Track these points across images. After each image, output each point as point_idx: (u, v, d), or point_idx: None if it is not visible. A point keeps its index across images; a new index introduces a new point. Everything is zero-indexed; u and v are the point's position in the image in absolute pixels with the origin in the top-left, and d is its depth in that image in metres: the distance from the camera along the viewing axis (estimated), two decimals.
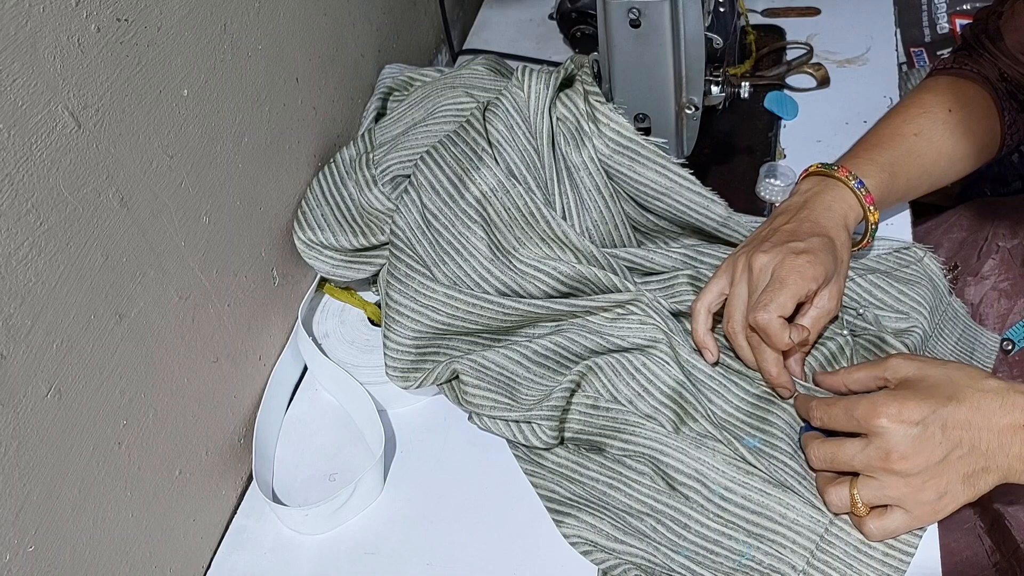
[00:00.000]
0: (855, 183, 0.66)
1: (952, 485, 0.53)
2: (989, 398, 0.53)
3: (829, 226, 0.64)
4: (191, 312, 0.60)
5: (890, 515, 0.55)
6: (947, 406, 0.53)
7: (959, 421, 0.53)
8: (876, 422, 0.54)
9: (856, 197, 0.66)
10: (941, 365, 0.56)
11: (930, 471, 0.53)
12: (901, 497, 0.54)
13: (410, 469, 0.67)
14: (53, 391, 0.48)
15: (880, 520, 0.56)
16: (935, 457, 0.53)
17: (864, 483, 0.55)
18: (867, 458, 0.54)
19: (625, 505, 0.61)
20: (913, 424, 0.53)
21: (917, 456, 0.53)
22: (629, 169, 0.69)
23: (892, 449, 0.53)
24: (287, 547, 0.64)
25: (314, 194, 0.75)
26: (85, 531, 0.51)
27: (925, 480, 0.53)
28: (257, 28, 0.66)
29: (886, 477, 0.54)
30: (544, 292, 0.67)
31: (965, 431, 0.53)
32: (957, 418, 0.53)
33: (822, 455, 0.58)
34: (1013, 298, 0.75)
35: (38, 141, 0.45)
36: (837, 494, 0.57)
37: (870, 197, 0.66)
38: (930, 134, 0.70)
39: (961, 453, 0.53)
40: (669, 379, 0.64)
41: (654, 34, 0.65)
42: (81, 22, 0.47)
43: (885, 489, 0.54)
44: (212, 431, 0.64)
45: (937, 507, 0.54)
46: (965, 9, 1.23)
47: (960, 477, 0.53)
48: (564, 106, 0.70)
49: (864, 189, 0.66)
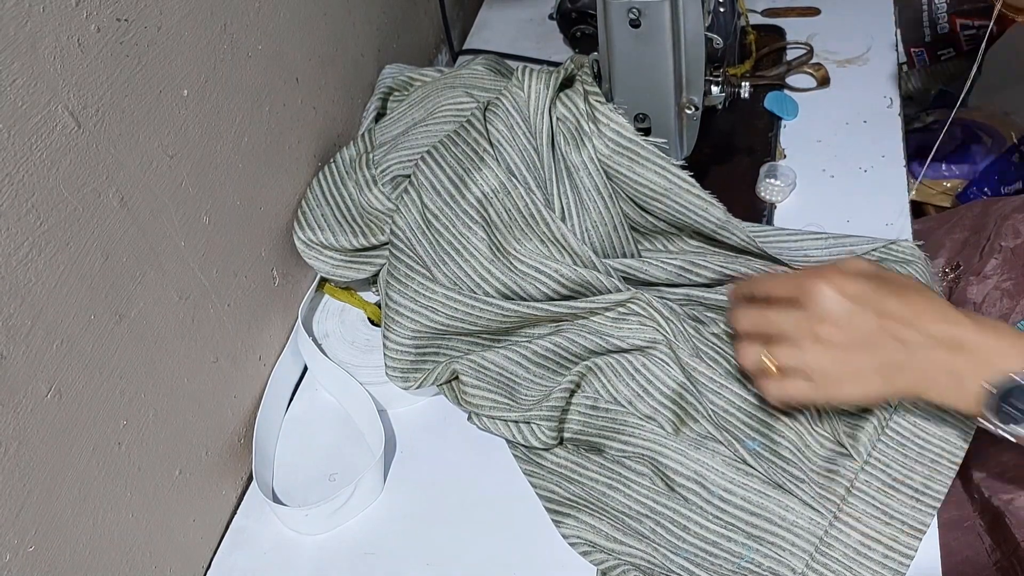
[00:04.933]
0: None
1: (866, 369, 0.53)
2: (933, 307, 0.53)
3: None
4: (191, 312, 0.60)
5: (794, 381, 0.55)
6: (890, 297, 0.53)
7: (896, 313, 0.53)
8: (817, 286, 0.54)
9: None
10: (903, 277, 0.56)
11: (851, 347, 0.53)
12: (814, 366, 0.54)
13: (410, 469, 0.67)
14: (53, 391, 0.48)
15: (781, 382, 0.55)
16: (861, 334, 0.53)
17: (784, 345, 0.55)
18: (797, 320, 0.54)
19: (624, 506, 0.61)
20: (851, 298, 0.53)
21: (845, 327, 0.53)
22: (628, 170, 0.69)
23: (825, 316, 0.53)
24: (287, 547, 0.64)
25: (314, 194, 0.75)
26: (85, 531, 0.51)
27: (844, 354, 0.53)
28: (257, 28, 0.66)
29: (807, 343, 0.54)
30: (544, 294, 0.67)
31: (898, 324, 0.52)
32: (895, 310, 0.53)
33: (751, 317, 0.57)
34: (1015, 297, 0.74)
35: (38, 141, 0.45)
36: (751, 351, 0.56)
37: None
38: None
39: (883, 340, 0.53)
40: (669, 380, 0.64)
41: (654, 34, 0.65)
42: (81, 22, 0.47)
43: (802, 355, 0.54)
44: (212, 431, 0.64)
45: (843, 387, 0.54)
46: (965, 9, 1.23)
47: (877, 365, 0.53)
48: (564, 106, 0.70)
49: None
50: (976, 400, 0.51)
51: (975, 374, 0.51)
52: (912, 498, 0.58)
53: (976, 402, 0.51)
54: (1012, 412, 0.50)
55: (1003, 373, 0.50)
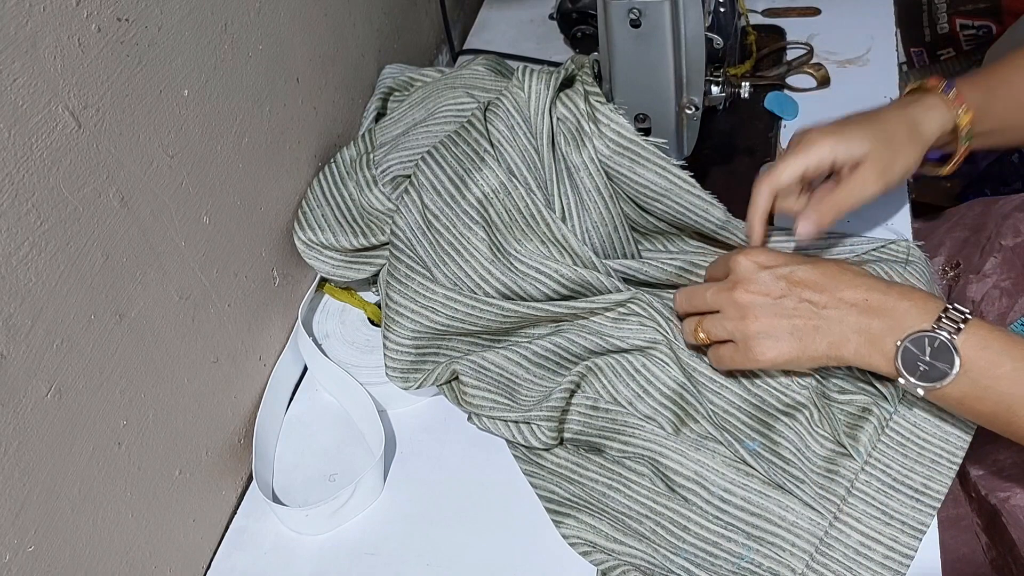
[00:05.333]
0: (943, 86, 0.65)
1: (779, 330, 0.57)
2: (843, 273, 0.57)
3: (888, 118, 0.64)
4: (191, 312, 0.60)
5: (724, 346, 0.60)
6: (803, 265, 0.58)
7: (805, 278, 0.57)
8: (735, 258, 0.60)
9: (943, 103, 0.64)
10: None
11: (762, 307, 0.57)
12: (733, 329, 0.59)
13: (410, 469, 0.67)
14: (53, 391, 0.48)
15: (716, 350, 0.61)
16: (770, 296, 0.57)
17: (710, 317, 0.60)
18: (717, 289, 0.60)
19: (624, 506, 0.61)
20: (763, 266, 0.58)
21: (756, 291, 0.58)
22: (629, 170, 0.69)
23: (738, 280, 0.59)
24: (287, 547, 0.64)
25: (314, 194, 0.75)
26: (85, 531, 0.51)
27: (756, 315, 0.58)
28: (258, 28, 0.66)
29: (728, 308, 0.59)
30: (544, 294, 0.67)
31: (808, 288, 0.57)
32: (804, 275, 0.57)
33: (684, 294, 0.64)
34: (1014, 296, 0.74)
35: (38, 141, 0.45)
36: (688, 324, 0.63)
37: (960, 98, 0.64)
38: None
39: (796, 303, 0.57)
40: (669, 380, 0.64)
41: (654, 34, 0.65)
42: (81, 22, 0.47)
43: (723, 321, 0.59)
44: (212, 431, 0.64)
45: (762, 346, 0.58)
46: (965, 9, 1.23)
47: (790, 327, 0.57)
48: (564, 106, 0.70)
49: (953, 92, 0.64)
50: (889, 359, 0.54)
51: (887, 334, 0.54)
52: (912, 498, 0.58)
53: (889, 360, 0.54)
54: (923, 368, 0.53)
55: (913, 330, 0.53)
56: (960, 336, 0.52)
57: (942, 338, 0.52)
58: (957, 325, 0.52)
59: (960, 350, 0.52)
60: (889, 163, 0.62)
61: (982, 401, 0.52)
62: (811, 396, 0.63)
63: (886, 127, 0.63)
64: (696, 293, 0.62)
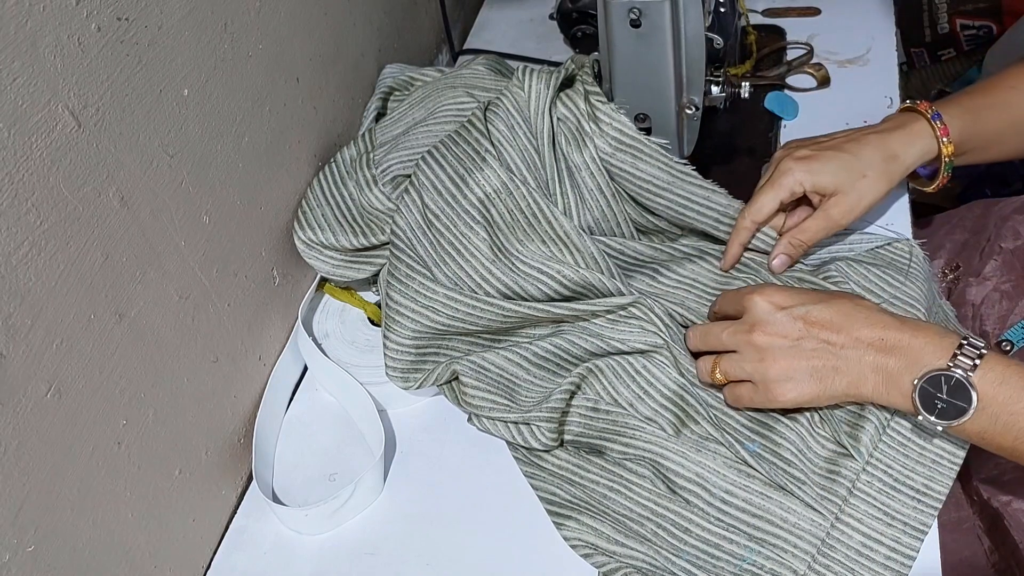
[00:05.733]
0: (931, 115, 0.67)
1: (799, 372, 0.58)
2: (858, 310, 0.57)
3: (866, 148, 0.67)
4: (191, 312, 0.60)
5: (742, 386, 0.61)
6: (816, 303, 0.58)
7: (822, 319, 0.57)
8: (750, 298, 0.60)
9: (932, 129, 0.67)
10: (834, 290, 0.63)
11: (781, 350, 0.58)
12: (752, 371, 0.59)
13: (410, 469, 0.67)
14: (53, 391, 0.48)
15: (733, 389, 0.62)
16: (789, 338, 0.58)
17: (727, 357, 0.61)
18: (733, 331, 0.60)
19: (626, 508, 0.61)
20: (779, 307, 0.59)
21: (774, 332, 0.58)
22: (631, 166, 0.69)
23: (755, 322, 0.59)
24: (287, 547, 0.64)
25: (314, 194, 0.75)
26: (85, 531, 0.51)
27: (776, 357, 0.58)
28: (257, 28, 0.66)
29: (746, 350, 0.59)
30: (545, 295, 0.67)
31: (825, 328, 0.57)
32: (821, 315, 0.57)
33: (698, 333, 0.64)
34: (1014, 299, 0.74)
35: (38, 141, 0.45)
36: (703, 364, 0.63)
37: (945, 130, 0.67)
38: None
39: (814, 345, 0.57)
40: (669, 381, 0.64)
41: (655, 34, 0.65)
42: (81, 21, 0.47)
43: (742, 362, 0.60)
44: (212, 431, 0.64)
45: (783, 388, 0.58)
46: (965, 9, 1.23)
47: (809, 368, 0.57)
48: (565, 106, 0.70)
49: (940, 122, 0.67)
50: (907, 397, 0.55)
51: (904, 372, 0.55)
52: (913, 499, 0.58)
53: (907, 398, 0.55)
54: (940, 405, 0.53)
55: (929, 368, 0.54)
56: (976, 373, 0.52)
57: (958, 376, 0.52)
58: (973, 361, 0.53)
59: (977, 387, 0.52)
60: (857, 199, 0.67)
61: (1003, 436, 0.52)
62: None
63: (862, 158, 0.67)
64: (711, 333, 0.62)
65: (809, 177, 0.66)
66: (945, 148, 0.67)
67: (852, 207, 0.67)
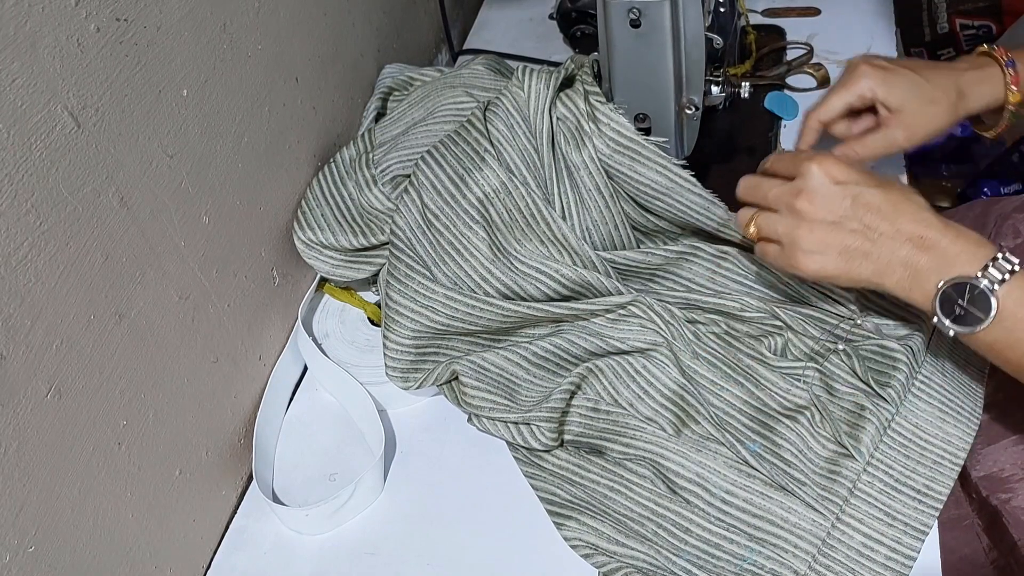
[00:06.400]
0: (1006, 61, 0.68)
1: (830, 248, 0.57)
2: (908, 203, 0.56)
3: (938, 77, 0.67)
4: (191, 312, 0.60)
5: (772, 244, 0.60)
6: (872, 188, 0.57)
7: (872, 203, 0.56)
8: (807, 164, 0.58)
9: (999, 77, 0.67)
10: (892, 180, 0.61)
11: (821, 224, 0.57)
12: (784, 234, 0.59)
13: (410, 469, 0.67)
14: (53, 391, 0.48)
15: (763, 245, 0.61)
16: (832, 214, 0.57)
17: (766, 214, 0.60)
18: (781, 191, 0.59)
19: (626, 508, 0.61)
20: (834, 181, 0.57)
21: (819, 205, 0.57)
22: (629, 169, 0.69)
23: (804, 188, 0.58)
24: (287, 547, 0.64)
25: (314, 194, 0.75)
26: (85, 531, 0.51)
27: (812, 228, 0.57)
28: (257, 28, 0.66)
29: (786, 214, 0.59)
30: (545, 294, 0.67)
31: (871, 212, 0.56)
32: (871, 199, 0.56)
33: (749, 183, 0.63)
34: None
35: (38, 141, 0.45)
36: (744, 213, 0.63)
37: (1016, 78, 0.67)
38: None
39: (855, 227, 0.56)
40: (670, 381, 0.64)
41: (654, 34, 0.65)
42: (81, 22, 0.47)
43: (778, 223, 0.59)
44: (212, 431, 0.64)
45: (809, 259, 0.58)
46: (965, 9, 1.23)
47: (841, 246, 0.57)
48: (564, 106, 0.70)
49: (1012, 69, 0.67)
50: (928, 297, 0.54)
51: (932, 273, 0.54)
52: (914, 499, 0.58)
53: (928, 299, 0.55)
54: (959, 311, 0.53)
55: (958, 275, 0.53)
56: (1003, 287, 0.52)
57: (983, 287, 0.53)
58: (1003, 276, 0.53)
59: (1000, 300, 0.52)
60: (920, 125, 0.66)
61: (1012, 350, 0.53)
62: (811, 398, 0.63)
63: (933, 86, 0.67)
64: (760, 187, 0.62)
65: (882, 87, 0.66)
66: (1012, 96, 0.68)
67: (914, 132, 0.67)
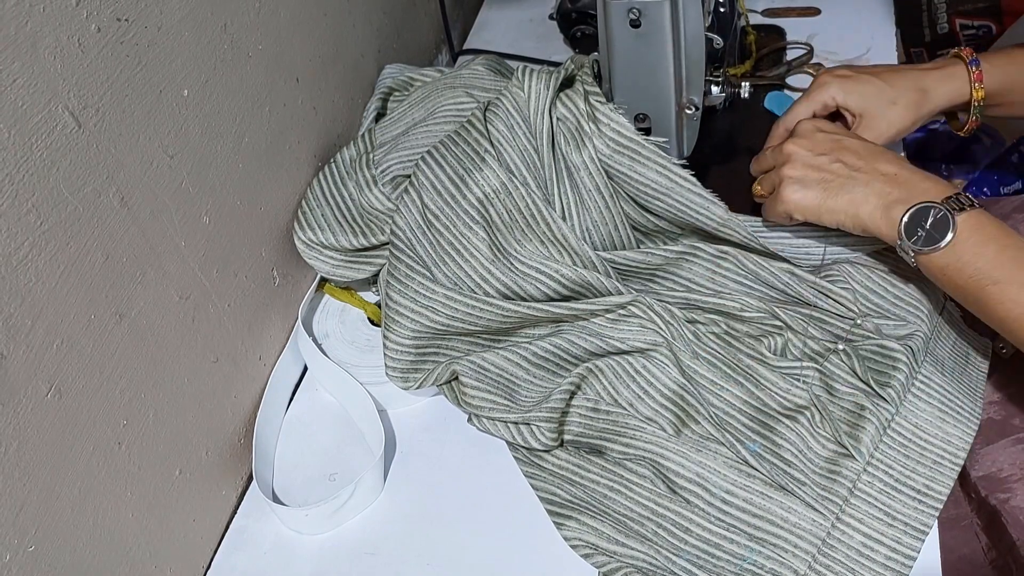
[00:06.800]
0: (970, 60, 0.71)
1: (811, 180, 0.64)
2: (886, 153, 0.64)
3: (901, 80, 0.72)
4: (191, 312, 0.60)
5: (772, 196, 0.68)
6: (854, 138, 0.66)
7: (851, 147, 0.65)
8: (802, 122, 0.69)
9: (963, 75, 0.71)
10: None
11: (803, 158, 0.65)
12: (775, 173, 0.67)
13: (410, 469, 0.67)
14: (53, 391, 0.48)
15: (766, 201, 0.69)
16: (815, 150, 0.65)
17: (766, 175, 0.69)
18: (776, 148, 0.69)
19: (626, 508, 0.61)
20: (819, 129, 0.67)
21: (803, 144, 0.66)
22: (629, 169, 0.69)
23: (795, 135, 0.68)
24: (287, 547, 0.64)
25: (314, 194, 0.75)
26: (85, 531, 0.51)
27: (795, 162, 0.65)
28: (257, 28, 0.66)
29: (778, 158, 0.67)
30: (545, 294, 0.67)
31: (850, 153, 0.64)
32: (852, 144, 0.65)
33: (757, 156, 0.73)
34: None
35: (38, 141, 0.45)
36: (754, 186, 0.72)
37: (979, 75, 0.71)
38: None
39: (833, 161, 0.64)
40: (669, 381, 0.64)
41: (654, 34, 0.65)
42: (81, 22, 0.47)
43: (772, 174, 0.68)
44: (212, 431, 0.64)
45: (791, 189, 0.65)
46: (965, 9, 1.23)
47: (820, 178, 0.64)
48: (564, 106, 0.70)
49: (976, 67, 0.71)
50: (894, 225, 0.60)
51: (900, 203, 0.60)
52: (914, 499, 0.58)
53: (893, 227, 0.60)
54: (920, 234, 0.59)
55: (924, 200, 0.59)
56: (961, 215, 0.58)
57: (945, 211, 0.58)
58: (963, 206, 0.58)
59: (957, 225, 0.58)
60: (884, 126, 0.72)
61: (960, 273, 0.58)
62: (811, 398, 0.63)
63: (893, 88, 0.72)
64: (764, 154, 0.71)
65: (842, 94, 0.72)
66: (976, 92, 0.71)
67: (880, 132, 0.71)
